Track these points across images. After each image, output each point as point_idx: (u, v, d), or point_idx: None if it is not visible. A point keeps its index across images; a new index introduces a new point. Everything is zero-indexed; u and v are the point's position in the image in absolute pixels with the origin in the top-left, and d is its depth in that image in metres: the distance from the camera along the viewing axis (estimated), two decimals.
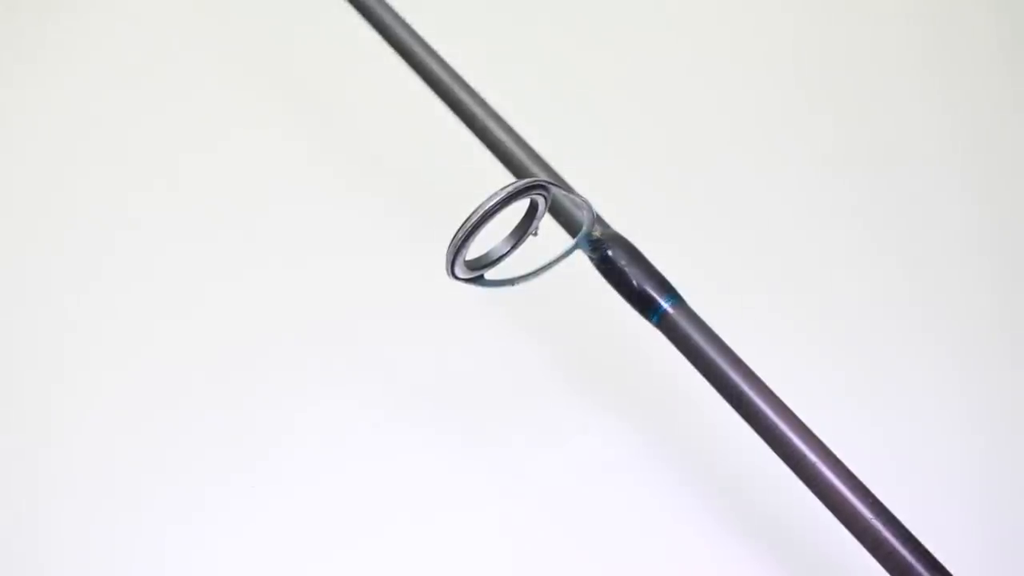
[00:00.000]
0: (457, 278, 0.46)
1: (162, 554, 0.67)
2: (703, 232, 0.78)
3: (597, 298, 0.50)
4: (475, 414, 0.71)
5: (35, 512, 0.68)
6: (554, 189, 0.45)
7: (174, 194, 0.81)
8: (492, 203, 0.43)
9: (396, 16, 0.58)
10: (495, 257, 0.46)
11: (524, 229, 0.46)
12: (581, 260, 0.49)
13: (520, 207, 0.46)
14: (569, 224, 0.50)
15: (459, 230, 0.43)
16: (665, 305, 0.47)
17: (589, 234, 0.48)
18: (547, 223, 0.48)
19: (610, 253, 0.48)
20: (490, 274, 0.47)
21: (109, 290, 0.77)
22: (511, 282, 0.47)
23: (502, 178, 0.52)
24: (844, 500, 0.44)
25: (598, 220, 0.49)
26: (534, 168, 0.52)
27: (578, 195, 0.47)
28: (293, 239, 0.79)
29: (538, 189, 0.44)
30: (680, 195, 0.80)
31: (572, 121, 0.82)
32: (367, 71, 0.81)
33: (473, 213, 0.43)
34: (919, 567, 0.43)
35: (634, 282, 0.47)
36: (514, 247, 0.46)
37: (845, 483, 0.44)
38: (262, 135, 0.83)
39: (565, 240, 0.49)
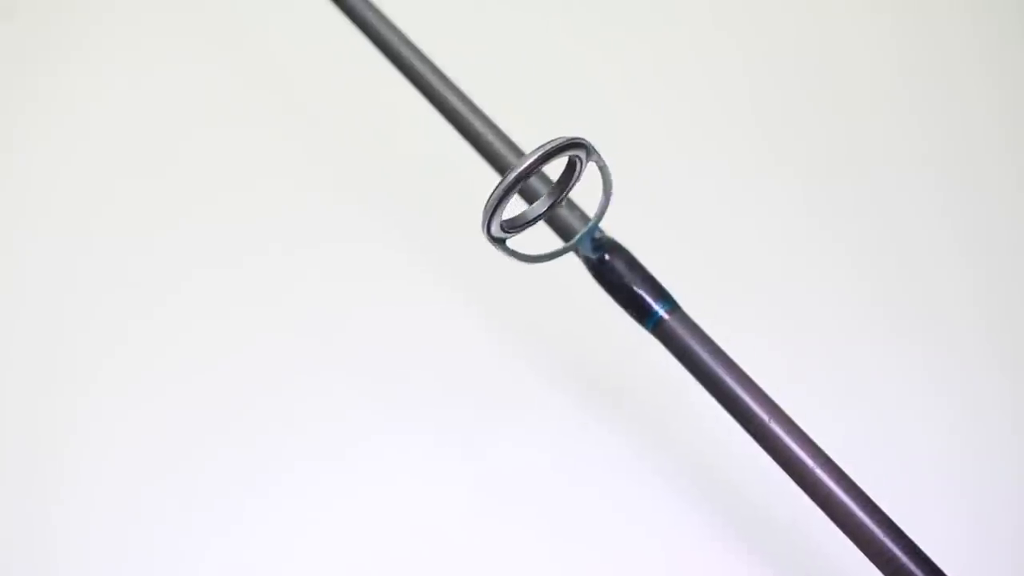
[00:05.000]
0: (492, 238, 0.43)
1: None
2: (696, 237, 0.78)
3: (593, 304, 0.50)
4: (468, 417, 0.71)
5: (58, 524, 0.69)
6: (593, 153, 0.43)
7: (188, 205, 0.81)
8: (525, 164, 0.41)
9: (379, 14, 0.57)
10: (531, 218, 0.44)
11: (561, 189, 0.44)
12: (576, 265, 0.49)
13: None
14: (564, 229, 0.49)
15: (494, 190, 0.41)
16: (661, 311, 0.47)
17: (594, 230, 0.47)
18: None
19: (605, 257, 0.47)
20: (513, 243, 0.44)
21: (123, 301, 0.77)
22: (526, 258, 0.45)
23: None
24: (845, 509, 0.44)
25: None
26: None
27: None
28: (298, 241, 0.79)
29: (577, 148, 0.42)
30: (673, 199, 0.80)
31: (556, 121, 0.82)
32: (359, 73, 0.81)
33: (508, 173, 0.41)
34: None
35: (629, 288, 0.47)
36: (551, 207, 0.44)
37: (847, 492, 0.44)
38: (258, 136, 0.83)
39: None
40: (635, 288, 0.47)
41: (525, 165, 0.41)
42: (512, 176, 0.41)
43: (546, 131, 0.59)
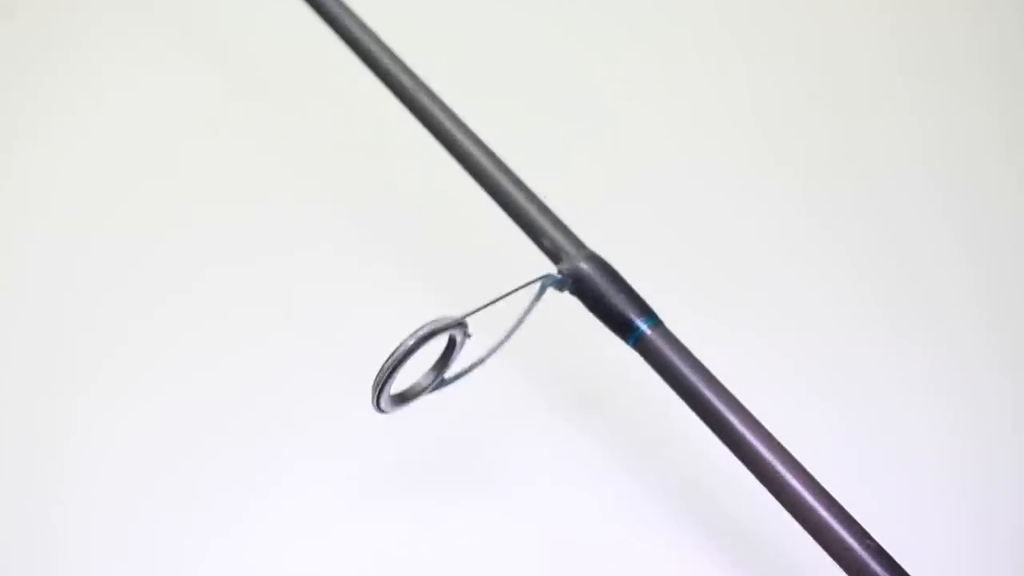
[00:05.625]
0: (385, 411, 0.46)
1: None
2: (696, 236, 0.78)
3: (574, 319, 0.49)
4: (464, 419, 0.71)
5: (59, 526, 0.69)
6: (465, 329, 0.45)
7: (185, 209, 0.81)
8: (403, 349, 0.44)
9: (366, 29, 0.57)
10: (417, 391, 0.47)
11: (444, 363, 0.47)
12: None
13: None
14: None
15: (378, 374, 0.44)
16: (643, 327, 0.46)
17: (557, 280, 0.47)
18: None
19: (584, 273, 0.47)
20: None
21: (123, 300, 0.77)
22: (468, 371, 0.47)
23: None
24: (829, 530, 0.43)
25: (572, 241, 0.48)
26: (511, 189, 0.51)
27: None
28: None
29: (455, 328, 0.44)
30: (673, 199, 0.80)
31: (539, 126, 0.81)
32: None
33: (389, 357, 0.44)
34: None
35: (609, 304, 0.46)
36: (435, 380, 0.47)
37: (832, 514, 0.43)
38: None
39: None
40: (615, 305, 0.46)
41: (397, 357, 0.44)
42: (388, 365, 0.44)
43: (545, 131, 0.59)
